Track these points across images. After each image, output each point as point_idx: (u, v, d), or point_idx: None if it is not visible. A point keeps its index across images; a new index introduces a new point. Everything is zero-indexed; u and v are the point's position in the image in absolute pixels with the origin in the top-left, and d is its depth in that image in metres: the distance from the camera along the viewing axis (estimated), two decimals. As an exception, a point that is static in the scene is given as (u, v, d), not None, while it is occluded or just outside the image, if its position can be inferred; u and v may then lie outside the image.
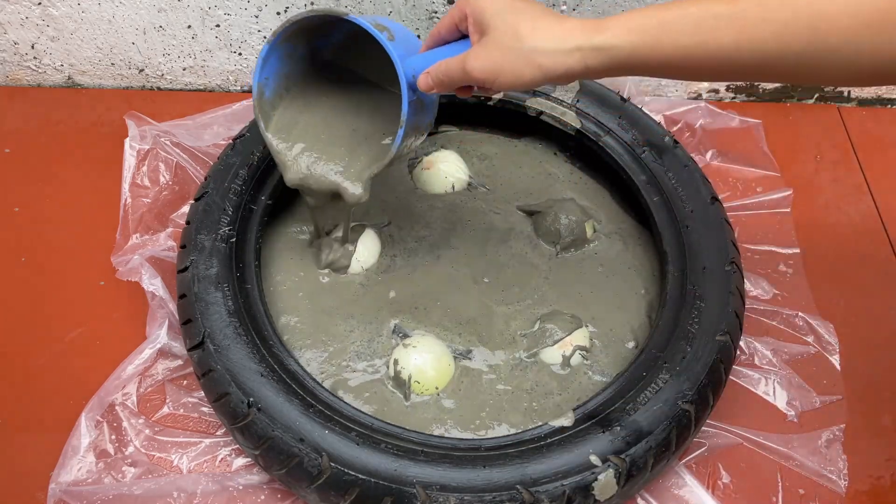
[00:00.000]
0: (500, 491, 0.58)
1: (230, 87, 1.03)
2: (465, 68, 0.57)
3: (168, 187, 0.86)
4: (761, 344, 0.76)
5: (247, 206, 0.75)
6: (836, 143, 0.98)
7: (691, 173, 0.80)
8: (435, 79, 0.60)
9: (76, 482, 0.65)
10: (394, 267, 0.80)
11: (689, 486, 0.67)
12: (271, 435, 0.60)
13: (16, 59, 0.99)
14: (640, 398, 0.63)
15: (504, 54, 0.55)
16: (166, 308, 0.74)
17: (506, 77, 0.56)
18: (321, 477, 0.58)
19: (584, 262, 0.81)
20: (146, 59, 0.99)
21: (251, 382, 0.63)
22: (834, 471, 0.68)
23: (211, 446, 0.68)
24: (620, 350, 0.75)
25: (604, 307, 0.78)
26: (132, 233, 0.81)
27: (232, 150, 0.79)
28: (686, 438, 0.64)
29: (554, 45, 0.54)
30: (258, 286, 0.71)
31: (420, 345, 0.72)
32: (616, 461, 0.60)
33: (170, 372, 0.73)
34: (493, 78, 0.56)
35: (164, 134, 0.88)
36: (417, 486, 0.57)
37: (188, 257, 0.70)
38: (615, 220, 0.85)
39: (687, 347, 0.67)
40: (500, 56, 0.55)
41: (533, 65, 0.55)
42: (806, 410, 0.72)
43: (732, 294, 0.70)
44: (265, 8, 0.93)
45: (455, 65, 0.58)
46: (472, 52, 0.57)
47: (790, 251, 0.85)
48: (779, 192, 0.89)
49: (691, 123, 0.95)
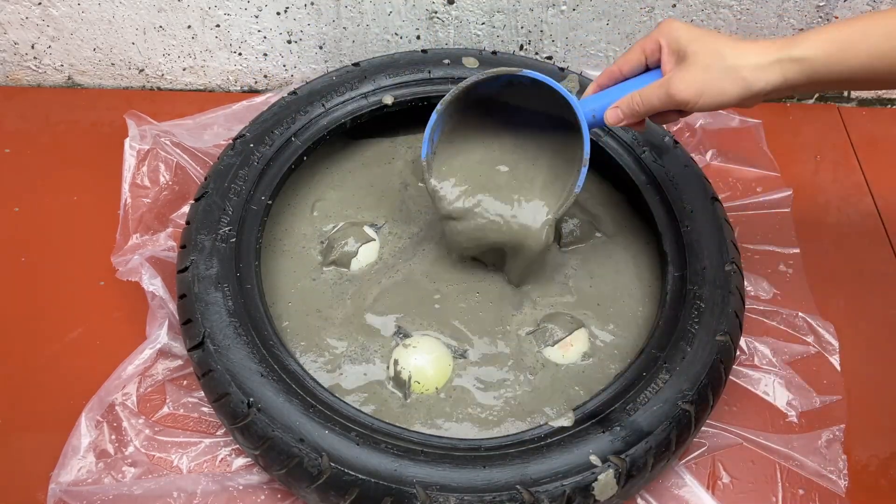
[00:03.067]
0: (500, 491, 0.58)
1: (230, 87, 1.03)
2: (670, 91, 0.60)
3: (168, 187, 0.86)
4: (761, 344, 0.76)
5: (247, 206, 0.75)
6: (836, 143, 0.98)
7: (691, 173, 0.80)
8: (627, 110, 0.63)
9: (76, 482, 0.65)
10: (393, 266, 0.80)
11: (689, 486, 0.67)
12: (271, 435, 0.60)
13: (16, 59, 0.99)
14: (640, 398, 0.63)
15: (708, 73, 0.58)
16: (166, 308, 0.74)
17: (710, 94, 0.59)
18: (321, 477, 0.58)
19: (584, 263, 0.81)
20: (146, 59, 0.99)
21: (251, 382, 0.63)
22: (834, 471, 0.68)
23: (211, 446, 0.68)
24: (620, 350, 0.75)
25: (604, 307, 0.78)
26: (132, 233, 0.81)
27: (232, 150, 0.79)
28: (686, 438, 0.64)
29: (755, 60, 0.58)
30: (258, 286, 0.71)
31: (420, 345, 0.72)
32: (616, 461, 0.60)
33: (170, 372, 0.73)
34: (696, 97, 0.59)
35: (164, 134, 0.88)
36: (417, 486, 0.57)
37: (188, 257, 0.70)
38: (615, 221, 0.85)
39: (687, 347, 0.67)
40: (703, 75, 0.59)
41: (736, 80, 0.58)
42: (806, 410, 0.72)
43: (732, 294, 0.70)
44: (265, 8, 0.93)
45: (654, 91, 0.61)
46: (675, 76, 0.60)
47: (790, 251, 0.85)
48: (779, 192, 0.89)
49: (691, 123, 0.95)
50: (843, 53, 0.56)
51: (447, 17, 0.94)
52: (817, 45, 0.57)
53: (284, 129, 0.81)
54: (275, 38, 0.97)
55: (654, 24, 0.95)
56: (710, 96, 0.59)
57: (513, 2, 0.92)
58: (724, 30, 0.96)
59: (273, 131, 0.80)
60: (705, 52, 0.59)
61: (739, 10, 0.93)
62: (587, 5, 0.93)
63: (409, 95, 0.86)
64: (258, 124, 0.81)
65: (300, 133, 0.81)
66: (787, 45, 0.57)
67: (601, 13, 0.94)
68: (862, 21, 0.57)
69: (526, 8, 0.93)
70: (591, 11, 0.94)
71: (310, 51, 0.98)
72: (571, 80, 0.87)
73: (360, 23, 0.95)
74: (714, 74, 0.58)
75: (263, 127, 0.81)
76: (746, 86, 0.58)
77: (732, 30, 0.96)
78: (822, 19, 0.94)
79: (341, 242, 0.80)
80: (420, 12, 0.93)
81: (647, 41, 0.63)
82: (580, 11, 0.93)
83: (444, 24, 0.95)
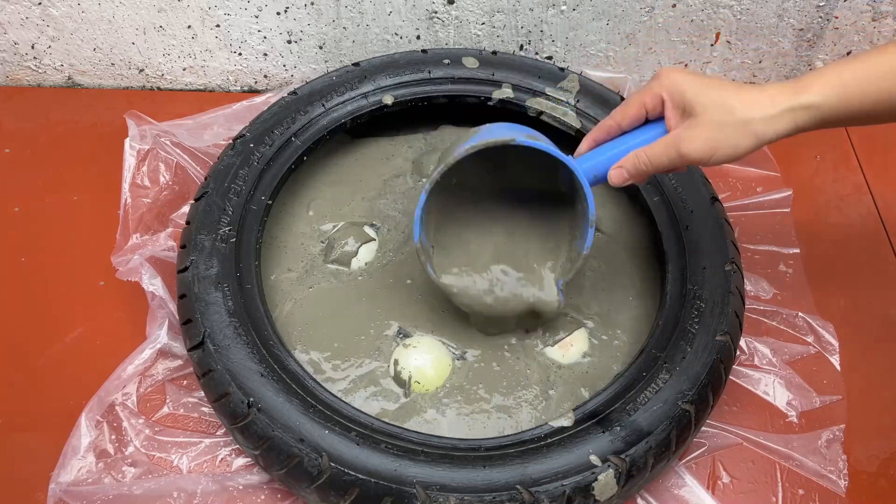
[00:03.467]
0: (500, 491, 0.58)
1: (230, 87, 1.03)
2: (681, 152, 0.58)
3: (168, 187, 0.86)
4: (761, 344, 0.76)
5: (247, 206, 0.75)
6: (836, 143, 0.98)
7: (691, 173, 0.80)
8: (633, 170, 0.61)
9: (76, 482, 0.65)
10: (393, 266, 0.80)
11: (689, 486, 0.67)
12: (271, 435, 0.60)
13: (16, 59, 0.99)
14: (640, 398, 0.63)
15: (720, 130, 0.56)
16: (166, 308, 0.74)
17: (723, 151, 0.57)
18: (321, 477, 0.58)
19: (584, 262, 0.81)
20: (146, 59, 0.99)
21: (251, 382, 0.63)
22: (834, 471, 0.68)
23: (211, 446, 0.68)
24: (620, 350, 0.75)
25: (604, 307, 0.78)
26: (132, 233, 0.81)
27: (232, 150, 0.79)
28: (686, 438, 0.64)
29: (765, 112, 0.56)
30: (258, 286, 0.71)
31: (420, 345, 0.72)
32: (616, 461, 0.60)
33: (170, 372, 0.73)
34: (710, 155, 0.57)
35: (164, 134, 0.88)
36: (417, 486, 0.57)
37: (188, 257, 0.70)
38: (615, 220, 0.85)
39: (687, 347, 0.67)
40: (715, 132, 0.57)
41: (749, 134, 0.56)
42: (806, 410, 0.72)
43: (732, 294, 0.70)
44: (265, 8, 0.93)
45: (663, 151, 0.59)
46: (684, 135, 0.58)
47: (790, 251, 0.85)
48: (779, 192, 0.89)
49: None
50: (853, 97, 0.56)
51: (447, 17, 0.94)
52: (826, 90, 0.56)
53: (284, 129, 0.81)
54: (275, 38, 0.97)
55: (655, 23, 0.95)
56: (723, 153, 0.57)
57: (513, 2, 0.92)
58: (724, 30, 0.96)
59: (273, 131, 0.80)
60: (714, 108, 0.57)
61: (739, 10, 0.93)
62: (587, 5, 0.93)
63: (409, 95, 0.86)
64: (258, 124, 0.81)
65: (300, 133, 0.81)
66: (796, 93, 0.56)
67: (601, 13, 0.94)
68: (867, 61, 0.56)
69: (526, 8, 0.93)
70: (591, 11, 0.94)
71: (310, 51, 0.98)
72: (571, 80, 0.87)
73: (360, 23, 0.95)
74: (726, 131, 0.56)
75: (263, 127, 0.81)
76: (758, 139, 0.56)
77: (732, 30, 0.96)
78: (821, 19, 0.94)
79: (341, 242, 0.80)
80: (420, 12, 0.93)
81: (647, 95, 0.60)
82: (580, 11, 0.93)
83: (444, 24, 0.95)
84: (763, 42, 0.97)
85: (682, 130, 0.58)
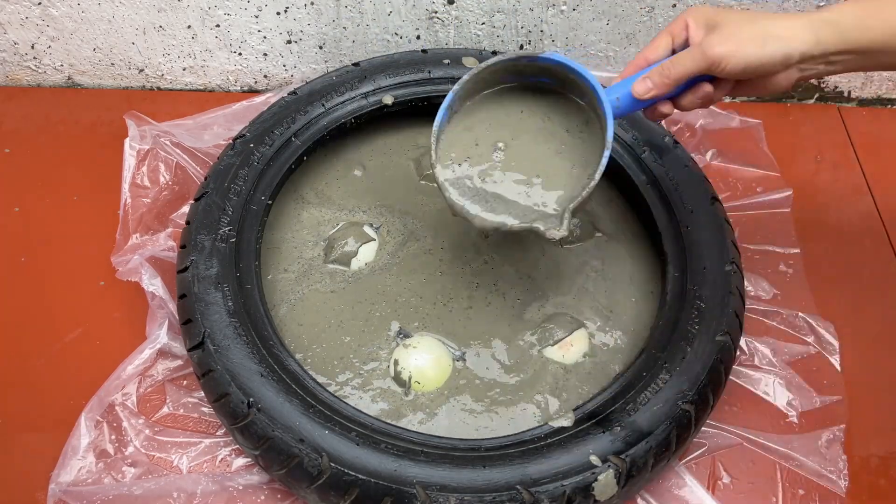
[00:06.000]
0: (500, 491, 0.58)
1: (230, 87, 1.03)
2: (705, 50, 0.58)
3: (168, 187, 0.86)
4: (761, 344, 0.76)
5: (247, 206, 0.75)
6: (836, 143, 0.98)
7: (691, 173, 0.80)
8: (658, 79, 0.61)
9: (76, 482, 0.65)
10: (393, 266, 0.80)
11: (689, 486, 0.67)
12: (271, 435, 0.60)
13: (16, 59, 0.99)
14: (640, 398, 0.63)
15: (742, 31, 0.58)
16: (166, 308, 0.74)
17: (745, 50, 0.58)
18: (321, 477, 0.58)
19: (584, 263, 0.81)
20: (146, 59, 0.99)
21: (251, 382, 0.63)
22: (834, 471, 0.68)
23: (211, 446, 0.68)
24: (620, 350, 0.75)
25: (604, 307, 0.78)
26: (132, 233, 0.81)
27: (232, 150, 0.79)
28: (686, 438, 0.64)
29: (787, 22, 0.58)
30: (258, 286, 0.71)
31: (420, 345, 0.72)
32: (616, 461, 0.60)
33: (170, 372, 0.73)
34: (733, 52, 0.58)
35: (164, 134, 0.88)
36: (417, 486, 0.57)
37: (188, 257, 0.70)
38: (615, 221, 0.85)
39: (687, 347, 0.67)
40: (738, 33, 0.58)
41: (772, 37, 0.57)
42: (806, 410, 0.72)
43: (732, 294, 0.70)
44: (265, 8, 0.93)
45: (687, 54, 0.60)
46: (709, 40, 0.59)
47: (790, 251, 0.85)
48: (779, 192, 0.89)
49: (691, 123, 0.95)
50: (874, 17, 0.57)
51: (447, 17, 0.94)
52: (846, 9, 0.58)
53: (284, 129, 0.81)
54: (275, 38, 0.97)
55: (655, 23, 0.95)
56: (746, 52, 0.57)
57: (513, 2, 0.92)
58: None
59: (273, 131, 0.80)
60: (737, 18, 0.59)
61: (739, 10, 0.93)
62: (587, 5, 0.93)
63: (409, 95, 0.86)
64: (258, 124, 0.81)
65: (300, 133, 0.82)
66: (817, 11, 0.58)
67: (601, 13, 0.94)
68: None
69: (526, 8, 0.93)
70: (591, 11, 0.94)
71: (310, 51, 0.98)
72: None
73: (360, 23, 0.95)
74: (748, 32, 0.58)
75: (263, 127, 0.81)
76: (782, 43, 0.57)
77: (732, 30, 0.96)
78: (822, 19, 0.94)
79: (341, 242, 0.80)
80: (420, 12, 0.93)
81: (674, 24, 0.62)
82: (580, 11, 0.93)
83: (444, 24, 0.95)
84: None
85: (707, 37, 0.59)
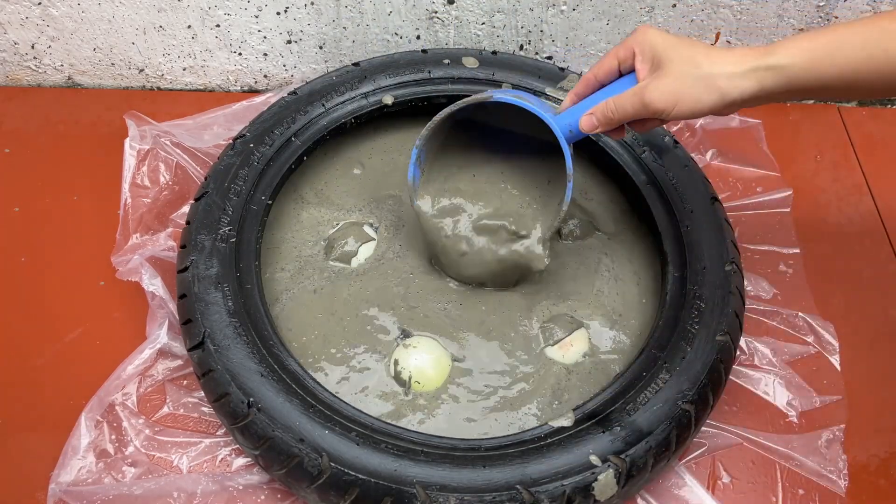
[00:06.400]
0: (500, 491, 0.58)
1: (230, 87, 1.03)
2: (644, 100, 0.59)
3: (168, 187, 0.86)
4: (761, 344, 0.76)
5: (247, 206, 0.75)
6: (836, 143, 0.98)
7: (691, 173, 0.80)
8: (601, 117, 0.62)
9: (76, 482, 0.65)
10: (392, 266, 0.80)
11: (689, 486, 0.67)
12: (271, 435, 0.60)
13: (16, 59, 0.99)
14: (640, 398, 0.63)
15: (683, 82, 0.57)
16: (166, 308, 0.74)
17: (685, 104, 0.58)
18: (321, 477, 0.58)
19: (584, 263, 0.81)
20: (146, 59, 0.99)
21: (251, 382, 0.63)
22: (834, 471, 0.68)
23: (211, 446, 0.68)
24: (620, 350, 0.75)
25: (604, 307, 0.78)
26: (132, 233, 0.81)
27: (232, 150, 0.79)
28: (686, 438, 0.64)
29: (730, 68, 0.57)
30: (258, 286, 0.71)
31: (420, 345, 0.72)
32: (616, 461, 0.60)
33: (170, 372, 0.73)
34: (671, 106, 0.58)
35: (164, 134, 0.88)
36: (417, 486, 0.57)
37: (188, 257, 0.70)
38: (615, 220, 0.85)
39: (687, 347, 0.67)
40: (678, 84, 0.57)
41: (712, 88, 0.57)
42: (806, 410, 0.72)
43: (732, 294, 0.70)
44: (265, 8, 0.93)
45: (628, 99, 0.60)
46: (649, 84, 0.59)
47: (790, 251, 0.85)
48: (779, 192, 0.89)
49: (691, 123, 0.95)
50: (819, 63, 0.56)
51: (447, 17, 0.94)
52: (793, 53, 0.56)
53: (284, 129, 0.81)
54: (275, 38, 0.97)
55: (655, 23, 0.95)
56: (685, 105, 0.58)
57: (513, 2, 0.92)
58: (724, 30, 0.96)
59: (273, 131, 0.80)
60: (680, 61, 0.58)
61: (739, 10, 0.93)
62: (587, 5, 0.93)
63: (409, 95, 0.86)
64: (258, 124, 0.81)
65: (300, 133, 0.82)
66: (763, 54, 0.57)
67: (601, 13, 0.94)
68: (839, 31, 0.56)
69: (526, 8, 0.93)
70: (591, 11, 0.94)
71: (310, 51, 0.98)
72: (571, 80, 0.87)
73: (360, 23, 0.95)
74: (689, 83, 0.57)
75: (263, 127, 0.81)
76: (721, 95, 0.57)
77: (732, 30, 0.96)
78: (821, 19, 0.95)
79: (341, 242, 0.80)
80: (420, 12, 0.93)
81: (621, 48, 0.62)
82: (580, 11, 0.93)
83: (444, 24, 0.95)
84: (763, 42, 0.97)
85: (649, 81, 0.59)
